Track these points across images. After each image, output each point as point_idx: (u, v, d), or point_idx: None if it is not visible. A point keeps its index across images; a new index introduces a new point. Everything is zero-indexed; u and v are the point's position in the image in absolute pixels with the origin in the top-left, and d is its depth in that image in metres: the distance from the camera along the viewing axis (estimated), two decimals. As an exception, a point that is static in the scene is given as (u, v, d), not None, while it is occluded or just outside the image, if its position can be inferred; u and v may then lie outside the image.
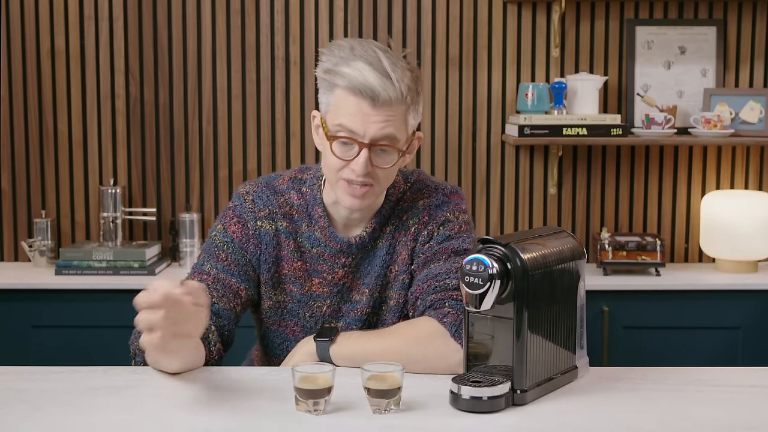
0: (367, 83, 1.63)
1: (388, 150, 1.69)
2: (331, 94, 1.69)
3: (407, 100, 1.68)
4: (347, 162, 1.68)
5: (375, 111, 1.65)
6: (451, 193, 1.85)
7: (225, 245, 1.79)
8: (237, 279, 1.77)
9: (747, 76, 3.26)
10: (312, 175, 1.84)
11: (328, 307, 1.82)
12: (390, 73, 1.64)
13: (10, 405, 1.50)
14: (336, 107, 1.69)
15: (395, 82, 1.64)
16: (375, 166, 1.68)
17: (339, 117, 1.67)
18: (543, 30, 3.23)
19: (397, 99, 1.65)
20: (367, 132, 1.66)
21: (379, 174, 1.70)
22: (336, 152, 1.69)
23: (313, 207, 1.81)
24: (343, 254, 1.80)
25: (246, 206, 1.81)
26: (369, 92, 1.63)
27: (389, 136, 1.67)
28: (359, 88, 1.63)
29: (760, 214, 3.09)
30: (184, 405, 1.52)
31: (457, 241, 1.78)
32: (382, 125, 1.66)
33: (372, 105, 1.64)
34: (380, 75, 1.64)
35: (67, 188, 3.26)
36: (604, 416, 1.47)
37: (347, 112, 1.66)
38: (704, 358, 2.99)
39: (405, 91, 1.66)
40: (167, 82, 3.23)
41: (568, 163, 3.28)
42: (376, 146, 1.67)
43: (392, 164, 1.70)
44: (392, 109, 1.66)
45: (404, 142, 1.71)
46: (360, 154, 1.67)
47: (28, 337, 2.97)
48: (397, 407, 1.47)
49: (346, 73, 1.65)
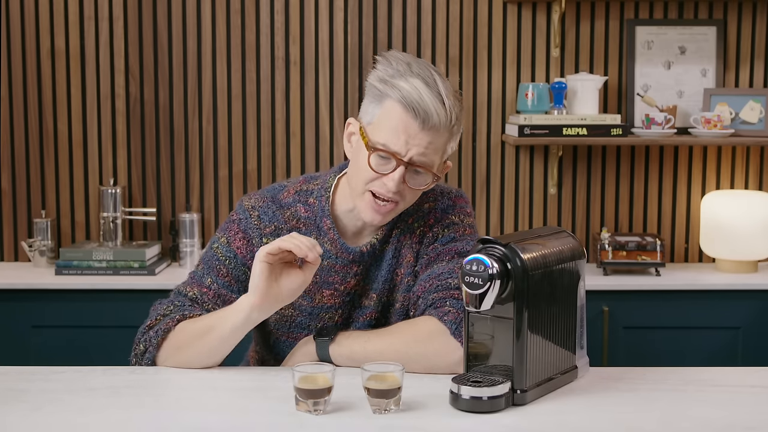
0: (422, 102, 1.62)
1: (423, 173, 1.68)
2: (379, 105, 1.67)
3: (453, 129, 1.68)
4: (381, 176, 1.67)
5: (423, 133, 1.64)
6: (457, 197, 1.85)
7: (227, 260, 1.77)
8: (237, 295, 1.73)
9: (747, 76, 3.26)
10: (319, 186, 1.82)
11: (340, 316, 1.81)
12: (444, 98, 1.64)
13: (10, 405, 1.50)
14: (382, 119, 1.66)
15: (448, 108, 1.64)
16: (406, 185, 1.68)
17: (384, 130, 1.66)
18: (543, 30, 3.23)
19: (444, 126, 1.65)
20: (409, 151, 1.65)
21: (407, 193, 1.70)
22: (372, 164, 1.67)
23: (321, 219, 1.78)
24: (354, 264, 1.79)
25: (251, 222, 1.78)
26: (422, 113, 1.62)
27: (428, 163, 1.67)
28: (413, 106, 1.62)
29: (760, 214, 3.09)
30: (184, 405, 1.52)
31: (461, 243, 1.78)
32: (425, 148, 1.65)
33: (421, 126, 1.63)
34: (435, 98, 1.63)
35: (67, 188, 3.26)
36: (604, 416, 1.47)
37: (394, 127, 1.64)
38: (704, 358, 2.99)
39: (454, 119, 1.66)
40: (167, 82, 3.23)
41: (568, 163, 3.28)
42: (412, 166, 1.67)
43: (424, 186, 1.70)
44: (438, 134, 1.65)
45: (438, 167, 1.71)
46: (396, 170, 1.66)
47: (28, 337, 2.97)
48: (397, 407, 1.47)
49: (402, 87, 1.63)
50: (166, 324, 1.68)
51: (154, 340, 1.68)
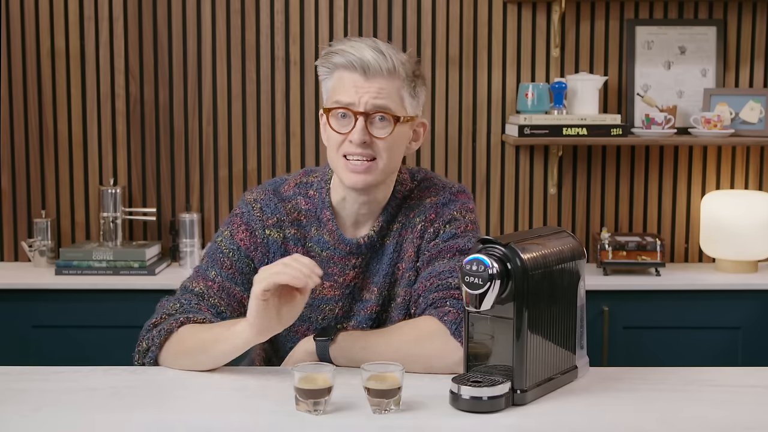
0: (358, 54, 1.70)
1: (386, 118, 1.71)
2: (330, 78, 1.76)
3: (400, 74, 1.72)
4: (345, 135, 1.71)
5: (368, 83, 1.70)
6: (459, 192, 1.85)
7: (231, 252, 1.78)
8: (241, 288, 1.76)
9: (747, 76, 3.26)
10: (319, 178, 1.84)
11: (340, 309, 1.82)
12: (383, 49, 1.71)
13: (10, 405, 1.50)
14: (334, 88, 1.74)
15: (387, 56, 1.71)
16: (373, 137, 1.71)
17: (336, 95, 1.73)
18: (543, 30, 3.23)
19: (389, 71, 1.71)
20: (361, 101, 1.70)
21: (380, 146, 1.72)
22: (333, 126, 1.73)
23: (321, 210, 1.80)
24: (353, 255, 1.80)
25: (254, 214, 1.80)
26: (360, 63, 1.70)
27: (383, 106, 1.71)
28: (352, 61, 1.70)
29: (760, 214, 3.09)
30: (184, 405, 1.52)
31: (462, 240, 1.79)
32: (375, 94, 1.70)
33: (364, 76, 1.70)
34: (372, 50, 1.71)
35: (67, 188, 3.26)
36: (604, 416, 1.47)
37: (342, 88, 1.72)
38: (704, 358, 2.99)
39: (397, 64, 1.72)
40: (167, 82, 3.23)
41: (568, 163, 3.28)
42: (372, 115, 1.71)
43: (389, 133, 1.72)
44: (385, 79, 1.71)
45: (403, 117, 1.74)
46: (356, 123, 1.70)
47: (28, 337, 2.97)
48: (397, 407, 1.47)
49: (341, 50, 1.72)
50: (170, 325, 1.68)
51: (156, 339, 1.68)
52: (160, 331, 1.68)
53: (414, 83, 1.75)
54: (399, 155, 1.77)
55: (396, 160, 1.77)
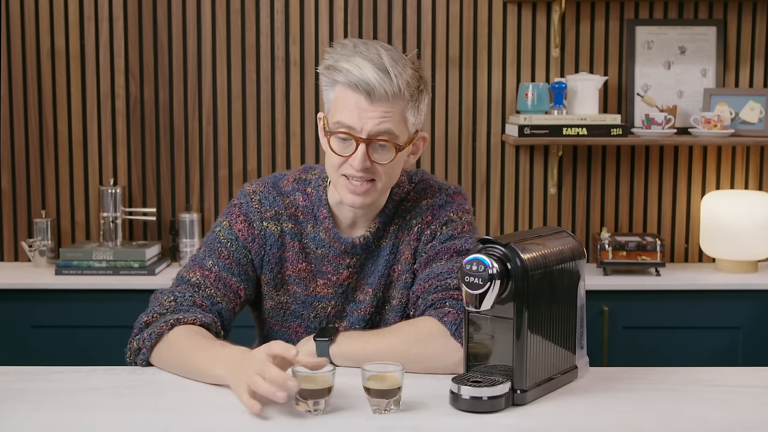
0: (363, 78, 1.63)
1: (387, 146, 1.68)
2: (332, 91, 1.70)
3: (405, 96, 1.67)
4: (345, 158, 1.69)
5: (372, 107, 1.65)
6: (455, 194, 1.85)
7: (229, 242, 1.79)
8: (237, 278, 1.78)
9: (747, 76, 3.26)
10: (317, 176, 1.84)
11: (333, 308, 1.82)
12: (389, 68, 1.64)
13: (9, 405, 1.50)
14: (336, 104, 1.69)
15: (393, 77, 1.64)
16: (374, 162, 1.68)
17: (338, 114, 1.68)
18: (543, 30, 3.23)
19: (394, 94, 1.65)
20: (364, 127, 1.66)
21: (380, 170, 1.69)
22: (335, 148, 1.69)
23: (318, 208, 1.81)
24: (347, 255, 1.80)
25: (252, 205, 1.81)
26: (365, 87, 1.64)
27: (387, 131, 1.67)
28: (356, 83, 1.64)
29: (760, 214, 3.09)
30: (183, 405, 1.52)
31: (460, 241, 1.78)
32: (379, 120, 1.65)
33: (369, 100, 1.65)
34: (378, 70, 1.64)
35: (67, 188, 3.26)
36: (604, 416, 1.47)
37: (345, 108, 1.67)
38: (704, 358, 2.99)
39: (403, 86, 1.66)
40: (167, 82, 3.23)
41: (568, 163, 3.28)
42: (374, 142, 1.67)
43: (390, 160, 1.69)
44: (389, 104, 1.66)
45: (405, 140, 1.71)
46: (357, 149, 1.67)
47: (28, 337, 2.97)
48: (397, 407, 1.47)
49: (344, 68, 1.65)
50: (160, 327, 1.67)
51: (147, 342, 1.67)
52: (150, 335, 1.68)
53: (418, 101, 1.71)
54: (398, 173, 1.76)
55: (395, 178, 1.76)
